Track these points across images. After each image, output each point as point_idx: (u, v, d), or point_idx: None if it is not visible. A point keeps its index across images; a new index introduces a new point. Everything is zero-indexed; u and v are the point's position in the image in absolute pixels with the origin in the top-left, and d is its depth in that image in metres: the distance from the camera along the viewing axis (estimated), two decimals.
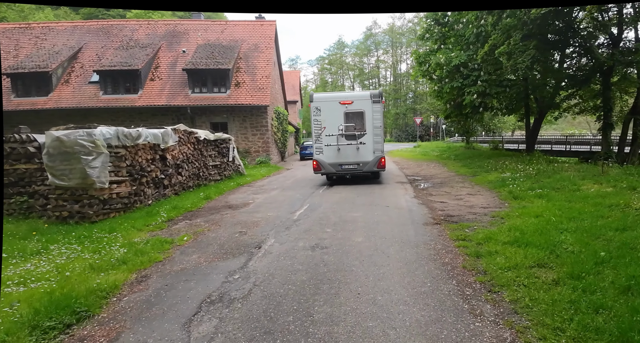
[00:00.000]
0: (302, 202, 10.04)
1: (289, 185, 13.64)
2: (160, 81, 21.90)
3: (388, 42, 67.73)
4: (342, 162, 12.76)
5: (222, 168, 14.79)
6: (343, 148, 12.67)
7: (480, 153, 21.13)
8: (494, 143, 24.07)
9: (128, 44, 24.21)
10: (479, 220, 7.29)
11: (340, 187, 12.55)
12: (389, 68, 69.22)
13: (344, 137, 12.63)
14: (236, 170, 16.22)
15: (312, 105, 12.75)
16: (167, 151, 11.02)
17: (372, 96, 12.52)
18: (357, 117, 12.69)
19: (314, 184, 13.42)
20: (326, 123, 12.70)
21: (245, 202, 10.53)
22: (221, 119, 21.21)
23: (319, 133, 12.78)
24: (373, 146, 12.60)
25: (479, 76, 16.81)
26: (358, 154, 12.69)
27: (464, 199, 9.84)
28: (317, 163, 12.84)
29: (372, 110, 12.52)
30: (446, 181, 13.25)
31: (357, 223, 7.40)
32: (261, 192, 12.27)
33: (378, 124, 12.56)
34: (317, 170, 12.91)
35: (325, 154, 12.83)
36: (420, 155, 25.61)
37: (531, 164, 13.28)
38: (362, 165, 12.69)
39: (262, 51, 23.33)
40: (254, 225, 7.67)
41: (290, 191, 12.17)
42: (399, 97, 64.90)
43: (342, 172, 12.84)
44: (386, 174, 15.60)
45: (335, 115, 12.64)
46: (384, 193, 10.97)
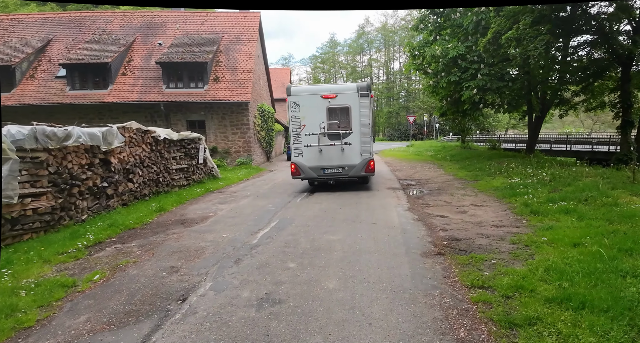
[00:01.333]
0: (272, 216, 8.00)
1: (265, 192, 11.58)
2: (133, 76, 19.70)
3: (381, 41, 65.70)
4: (324, 165, 10.73)
5: (190, 172, 12.70)
6: (325, 149, 10.64)
7: (478, 153, 19.21)
8: (491, 142, 22.18)
9: (101, 36, 21.94)
10: (495, 248, 5.30)
11: (322, 194, 10.52)
12: (382, 66, 67.22)
13: (326, 136, 10.60)
14: (209, 173, 14.13)
15: (290, 99, 10.69)
16: (111, 153, 8.93)
17: (359, 89, 10.49)
18: (342, 114, 10.66)
19: (293, 191, 11.38)
20: (306, 120, 10.66)
21: (204, 215, 8.47)
22: (198, 117, 19.07)
23: (297, 131, 10.74)
24: (360, 146, 10.58)
25: (479, 69, 14.85)
26: (343, 156, 10.66)
27: (468, 212, 7.86)
28: (296, 166, 10.80)
29: (359, 105, 10.49)
30: (444, 186, 11.27)
31: (332, 253, 5.37)
32: (229, 201, 10.21)
33: (366, 121, 10.54)
34: (296, 175, 10.87)
35: (305, 156, 10.79)
36: (414, 155, 23.65)
37: (542, 168, 11.33)
38: (347, 169, 10.67)
39: (245, 44, 21.19)
40: (197, 255, 5.62)
41: (263, 199, 10.12)
42: (391, 96, 62.90)
43: (325, 177, 10.81)
44: (376, 177, 13.60)
45: (317, 111, 10.60)
46: (372, 203, 8.96)
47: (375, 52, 67.36)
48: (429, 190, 10.85)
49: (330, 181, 10.89)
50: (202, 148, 13.23)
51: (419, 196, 10.05)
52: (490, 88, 14.69)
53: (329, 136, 10.62)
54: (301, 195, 10.56)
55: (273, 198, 10.33)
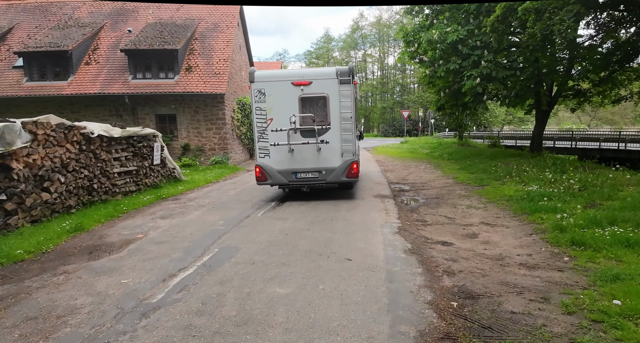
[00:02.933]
0: (214, 242, 5.70)
1: (227, 200, 9.27)
2: (97, 65, 17.23)
3: (375, 36, 63.02)
4: (296, 169, 8.42)
5: (142, 175, 10.35)
6: (298, 149, 8.32)
7: (478, 151, 16.90)
8: (491, 138, 19.89)
9: (66, 23, 19.40)
10: (542, 325, 3.02)
11: (292, 205, 8.22)
12: (376, 62, 64.58)
13: (298, 133, 8.28)
14: (168, 176, 11.79)
15: (253, 87, 8.35)
16: (13, 157, 6.59)
17: (339, 74, 8.14)
18: (318, 105, 8.33)
19: (261, 199, 9.07)
20: (273, 113, 8.33)
21: (128, 238, 6.16)
22: (168, 111, 16.65)
23: (263, 127, 8.41)
24: (341, 145, 8.26)
25: (482, 56, 12.51)
26: (319, 157, 8.35)
27: (480, 235, 5.59)
28: (261, 170, 8.48)
29: (340, 94, 8.15)
30: (444, 194, 8.99)
31: (267, 332, 3.08)
32: (176, 214, 7.89)
33: (348, 114, 8.21)
34: (261, 180, 8.55)
35: (272, 157, 8.47)
36: (408, 153, 21.34)
37: (563, 171, 9.06)
38: (324, 173, 8.36)
39: (222, 31, 18.72)
40: (51, 330, 3.32)
41: (218, 212, 7.81)
42: (386, 91, 60.31)
43: (297, 183, 8.50)
44: (364, 180, 11.29)
45: (287, 101, 8.27)
46: (352, 220, 6.66)
47: (370, 47, 64.71)
48: (426, 199, 8.56)
49: (304, 189, 8.57)
50: (157, 147, 10.87)
51: (413, 207, 7.76)
52: (496, 77, 12.36)
53: (302, 132, 8.29)
54: (267, 206, 8.25)
55: (231, 209, 8.02)
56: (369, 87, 61.87)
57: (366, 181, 11.16)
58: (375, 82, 62.40)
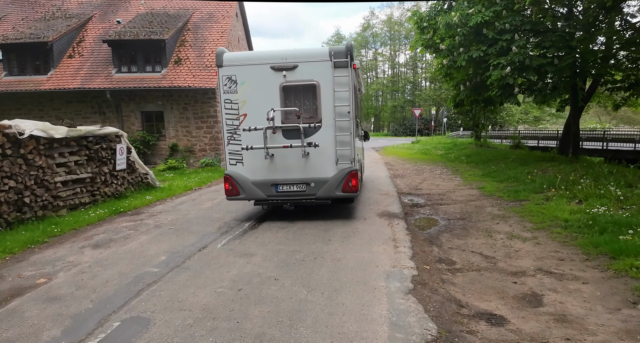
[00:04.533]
0: (128, 301, 3.57)
1: (196, 215, 7.15)
2: (81, 59, 15.34)
3: (386, 34, 60.20)
4: (276, 180, 6.22)
5: (99, 183, 8.31)
6: (279, 154, 6.13)
7: (501, 154, 14.39)
8: (513, 139, 17.29)
9: (54, 14, 17.59)
10: None
11: (270, 228, 6.02)
12: (387, 60, 61.73)
13: (279, 133, 6.09)
14: (139, 182, 9.74)
15: (221, 72, 6.18)
16: None
17: (334, 55, 5.89)
18: (306, 96, 6.12)
19: (235, 216, 6.93)
20: (247, 107, 6.16)
21: (21, 286, 4.11)
22: (155, 108, 14.65)
23: (234, 125, 6.24)
24: (335, 150, 6.02)
25: (512, 41, 10.07)
26: (307, 165, 6.14)
27: (546, 302, 3.32)
28: (231, 180, 6.31)
29: (334, 81, 5.90)
30: (471, 212, 6.65)
31: None
32: (119, 238, 5.80)
33: (345, 108, 5.96)
34: (232, 194, 6.37)
35: (246, 164, 6.30)
36: (420, 154, 18.92)
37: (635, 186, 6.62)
38: (314, 186, 6.13)
39: (218, 21, 16.62)
40: None
41: (172, 238, 5.68)
42: (396, 90, 57.44)
43: (277, 199, 6.29)
44: (369, 189, 9.05)
45: (265, 91, 6.08)
46: (343, 263, 4.41)
47: (381, 46, 61.92)
48: (448, 220, 6.26)
49: (287, 205, 6.35)
50: (120, 149, 8.81)
51: (432, 235, 5.47)
52: (530, 66, 9.91)
53: (285, 132, 6.10)
54: (238, 228, 6.08)
55: (189, 234, 5.88)
56: (379, 86, 59.18)
57: (371, 191, 8.89)
58: (386, 80, 59.63)
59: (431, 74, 31.55)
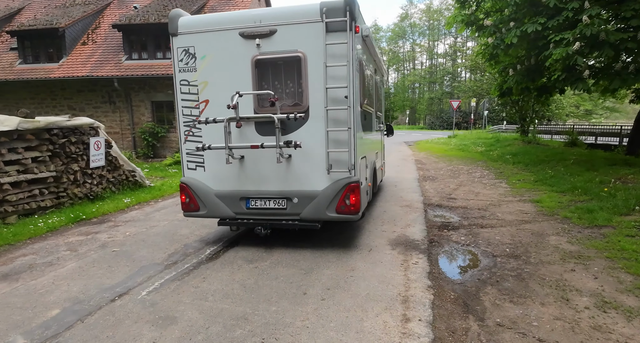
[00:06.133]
0: None
1: (157, 231, 5.53)
2: (94, 45, 14.34)
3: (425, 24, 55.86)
4: (248, 192, 4.37)
5: (67, 183, 6.93)
6: (251, 157, 4.29)
7: (555, 153, 11.54)
8: (569, 135, 14.16)
9: (74, 1, 16.80)
10: None
11: (232, 263, 4.20)
12: (426, 51, 57.40)
13: (251, 126, 4.24)
14: (123, 181, 8.33)
15: (176, 43, 4.38)
16: None
17: (326, 13, 3.86)
18: (288, 74, 4.16)
19: (201, 237, 5.21)
20: (210, 90, 4.34)
21: None
22: (166, 97, 13.32)
23: (193, 115, 4.45)
24: (327, 152, 4.04)
25: (582, 10, 7.40)
26: (288, 173, 4.23)
27: None
28: (189, 191, 4.54)
29: (326, 52, 3.89)
30: (527, 244, 4.40)
31: None
32: (38, 265, 4.27)
33: (341, 91, 3.93)
34: (190, 209, 4.59)
35: (209, 170, 4.51)
36: (457, 150, 16.30)
37: None
38: (297, 203, 4.21)
39: (237, 4, 14.93)
40: None
41: (101, 269, 4.06)
42: (434, 81, 53.21)
43: (249, 218, 4.45)
44: (388, 196, 6.99)
45: (232, 68, 4.22)
46: None
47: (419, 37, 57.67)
48: (493, 257, 4.09)
49: (259, 230, 4.46)
50: (95, 143, 7.37)
51: (467, 292, 3.37)
52: (606, 41, 7.23)
53: (259, 126, 4.22)
54: (189, 261, 4.33)
55: (125, 265, 4.23)
56: (416, 77, 55.32)
57: (390, 201, 6.81)
58: (423, 72, 55.54)
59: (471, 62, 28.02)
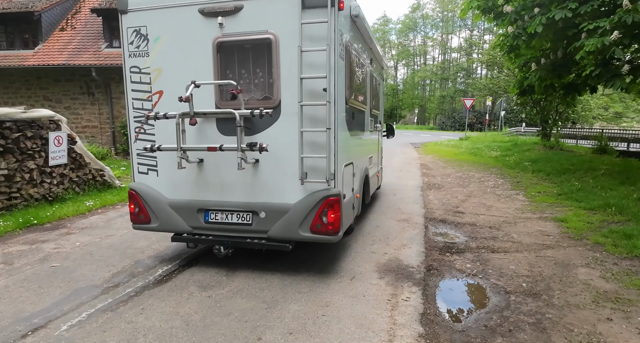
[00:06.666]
0: None
1: (111, 243, 4.99)
2: (73, 32, 13.92)
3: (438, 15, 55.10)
4: (207, 202, 3.81)
5: (21, 182, 6.44)
6: (211, 160, 3.73)
7: (582, 161, 10.83)
8: (598, 140, 13.40)
9: None
10: None
11: (182, 290, 3.62)
12: (438, 45, 56.61)
13: (214, 124, 3.68)
14: (89, 181, 7.82)
15: (125, 23, 3.83)
16: None
17: None
18: (257, 60, 3.58)
19: (158, 252, 4.66)
20: (164, 79, 3.80)
21: None
22: None
23: (145, 109, 3.90)
24: (300, 158, 3.45)
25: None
26: (255, 181, 3.67)
27: None
28: (138, 199, 3.99)
29: (302, 33, 3.31)
30: (549, 278, 3.77)
31: None
32: None
33: (320, 82, 3.34)
34: (139, 221, 4.04)
35: (163, 174, 3.96)
36: (468, 155, 15.64)
37: None
38: (265, 218, 3.64)
39: None
40: None
41: (23, 295, 3.52)
42: (447, 78, 52.36)
43: (207, 233, 3.89)
44: (384, 208, 6.40)
45: (190, 52, 3.67)
46: None
47: (432, 29, 56.88)
48: (506, 295, 3.47)
49: (217, 249, 3.88)
50: (55, 138, 6.86)
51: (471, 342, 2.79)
52: None
53: (222, 123, 3.67)
54: (133, 284, 3.77)
55: (57, 287, 3.69)
56: (427, 73, 54.47)
57: (386, 213, 6.21)
58: (435, 68, 54.72)
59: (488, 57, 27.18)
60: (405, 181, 9.40)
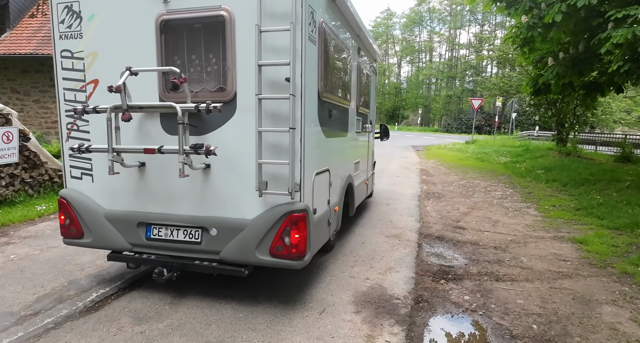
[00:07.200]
0: None
1: (51, 257, 4.49)
2: (43, 19, 13.49)
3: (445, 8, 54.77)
4: (148, 215, 3.33)
5: None
6: (154, 164, 3.26)
7: (604, 170, 10.25)
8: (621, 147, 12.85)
9: None
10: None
11: (114, 321, 3.10)
12: (446, 41, 56.25)
13: (157, 120, 3.20)
14: (45, 183, 7.34)
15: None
16: None
17: None
18: (209, 43, 3.10)
19: (100, 270, 4.16)
20: (100, 66, 3.33)
21: None
22: None
23: (79, 102, 3.43)
24: (257, 164, 2.96)
25: None
26: (206, 190, 3.19)
27: None
28: (69, 209, 3.52)
29: (261, 9, 2.84)
30: (565, 318, 3.26)
31: None
32: None
33: (282, 70, 2.86)
34: (71, 236, 3.56)
35: (98, 180, 3.49)
36: (475, 160, 15.18)
37: None
38: (216, 236, 3.15)
39: None
40: None
41: None
42: (454, 76, 51.91)
43: (149, 252, 3.41)
44: (374, 221, 5.91)
45: (130, 33, 3.20)
46: None
47: (439, 24, 56.57)
48: (513, 341, 2.99)
49: (157, 275, 3.37)
50: (2, 134, 6.40)
51: None
52: None
53: (165, 119, 3.20)
54: (57, 312, 3.25)
55: None
56: (432, 71, 54.08)
57: (375, 227, 5.72)
58: (441, 65, 54.33)
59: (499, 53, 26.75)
60: (401, 188, 8.92)
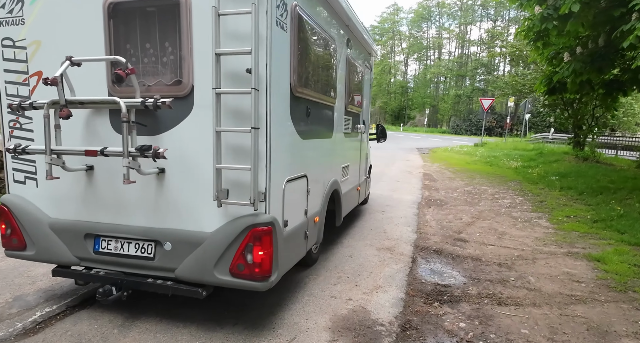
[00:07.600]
0: None
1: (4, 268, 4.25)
2: None
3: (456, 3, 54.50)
4: (96, 226, 3.05)
5: None
6: (103, 167, 3.00)
7: (625, 177, 9.81)
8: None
9: None
10: None
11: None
12: (456, 38, 55.96)
13: (106, 117, 2.94)
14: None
15: None
16: None
17: None
18: (163, 31, 2.82)
19: (51, 284, 3.90)
20: (44, 56, 3.07)
21: None
22: None
23: (21, 97, 3.17)
24: (214, 168, 2.66)
25: None
26: (160, 198, 2.91)
27: None
28: (10, 216, 3.25)
29: None
30: None
31: None
32: None
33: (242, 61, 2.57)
34: (13, 247, 3.28)
35: (43, 185, 3.23)
36: (483, 164, 14.86)
37: None
38: (171, 251, 2.86)
39: None
40: None
41: None
42: (463, 75, 51.49)
43: (97, 268, 3.14)
44: (366, 231, 5.63)
45: (75, 19, 2.94)
46: None
47: (448, 19, 56.27)
48: None
49: (102, 296, 3.05)
50: None
51: None
52: None
53: (115, 117, 2.92)
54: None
55: None
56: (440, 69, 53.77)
57: (366, 235, 5.43)
58: (451, 63, 54.01)
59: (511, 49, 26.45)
60: (400, 194, 8.63)
